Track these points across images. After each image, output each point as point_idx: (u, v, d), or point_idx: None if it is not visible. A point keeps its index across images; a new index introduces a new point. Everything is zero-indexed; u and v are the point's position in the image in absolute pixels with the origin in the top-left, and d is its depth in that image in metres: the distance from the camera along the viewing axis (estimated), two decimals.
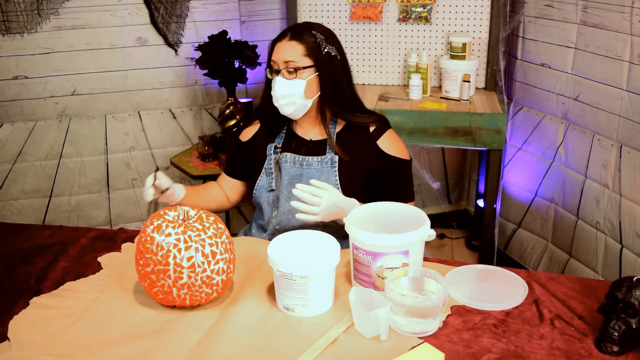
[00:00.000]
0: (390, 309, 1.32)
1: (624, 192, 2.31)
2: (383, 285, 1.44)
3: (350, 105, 1.89)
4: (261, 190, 1.90)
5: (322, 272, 1.39)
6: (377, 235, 1.41)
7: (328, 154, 1.86)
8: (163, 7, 2.94)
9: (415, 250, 1.45)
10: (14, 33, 2.79)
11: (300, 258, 1.40)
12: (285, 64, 1.80)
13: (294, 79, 1.80)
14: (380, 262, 1.43)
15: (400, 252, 1.42)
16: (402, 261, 1.43)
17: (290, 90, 1.80)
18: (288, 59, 1.80)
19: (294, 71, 1.80)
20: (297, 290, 1.39)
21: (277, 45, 1.83)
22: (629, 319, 1.26)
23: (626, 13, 2.21)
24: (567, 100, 2.58)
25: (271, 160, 1.90)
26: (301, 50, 1.80)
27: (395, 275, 1.41)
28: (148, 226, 1.41)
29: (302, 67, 1.80)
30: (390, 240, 1.41)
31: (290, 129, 1.94)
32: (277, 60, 1.82)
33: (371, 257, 1.43)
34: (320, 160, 1.86)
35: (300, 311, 1.41)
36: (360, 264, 1.47)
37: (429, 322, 1.33)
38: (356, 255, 1.47)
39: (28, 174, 2.99)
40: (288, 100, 1.82)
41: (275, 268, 1.40)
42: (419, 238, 1.44)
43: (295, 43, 1.80)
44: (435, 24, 2.86)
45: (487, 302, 1.44)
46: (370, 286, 1.46)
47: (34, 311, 1.45)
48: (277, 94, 1.81)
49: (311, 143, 1.90)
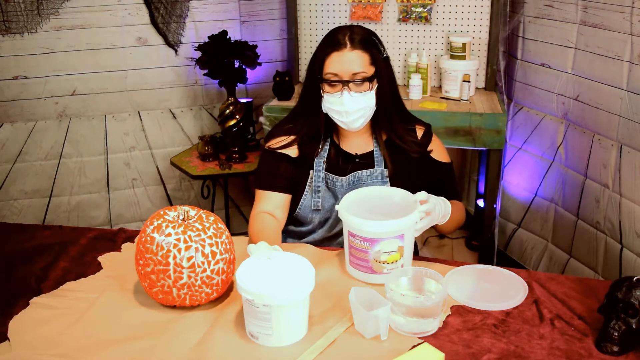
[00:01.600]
0: (390, 309, 1.32)
1: (624, 192, 2.31)
2: (380, 269, 1.48)
3: (402, 112, 1.81)
4: (306, 210, 1.78)
5: (289, 302, 1.26)
6: (374, 222, 1.44)
7: (377, 168, 1.78)
8: (163, 7, 2.94)
9: (409, 233, 1.49)
10: (14, 33, 2.79)
11: (266, 285, 1.28)
12: (354, 76, 1.66)
13: (366, 91, 1.68)
14: (378, 247, 1.46)
15: (396, 237, 1.46)
16: (398, 245, 1.47)
17: (363, 104, 1.68)
18: (357, 70, 1.66)
19: (361, 82, 1.67)
20: (260, 318, 1.28)
21: (336, 55, 1.67)
22: (629, 319, 1.26)
23: (626, 13, 2.21)
24: (567, 100, 2.58)
25: (319, 177, 1.77)
26: (367, 58, 1.68)
27: (391, 258, 1.46)
28: (148, 226, 1.41)
29: (371, 76, 1.68)
30: (387, 226, 1.44)
31: (332, 141, 1.81)
32: (340, 72, 1.66)
33: (368, 243, 1.46)
34: (370, 174, 1.77)
35: (264, 340, 1.30)
36: (357, 250, 1.49)
37: (429, 322, 1.33)
38: (352, 242, 1.49)
39: (28, 174, 2.99)
40: (360, 114, 1.69)
41: (240, 292, 1.30)
42: (413, 221, 1.48)
43: (360, 52, 1.67)
44: (435, 24, 2.86)
45: (487, 302, 1.44)
46: (367, 270, 1.50)
47: (34, 311, 1.45)
48: (348, 109, 1.67)
49: (358, 157, 1.80)
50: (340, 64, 1.67)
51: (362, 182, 1.77)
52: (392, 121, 1.77)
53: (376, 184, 1.77)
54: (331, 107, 1.71)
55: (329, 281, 1.52)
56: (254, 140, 3.05)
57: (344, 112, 1.69)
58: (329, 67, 1.68)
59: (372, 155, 1.80)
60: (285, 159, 1.80)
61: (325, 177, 1.78)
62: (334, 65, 1.67)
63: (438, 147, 1.85)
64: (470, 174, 3.44)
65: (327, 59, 1.68)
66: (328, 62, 1.68)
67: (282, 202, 1.79)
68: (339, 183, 1.77)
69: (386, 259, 1.47)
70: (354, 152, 1.81)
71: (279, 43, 3.17)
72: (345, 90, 1.67)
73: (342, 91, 1.67)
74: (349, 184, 1.77)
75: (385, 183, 1.77)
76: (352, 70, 1.66)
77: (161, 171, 3.18)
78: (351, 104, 1.67)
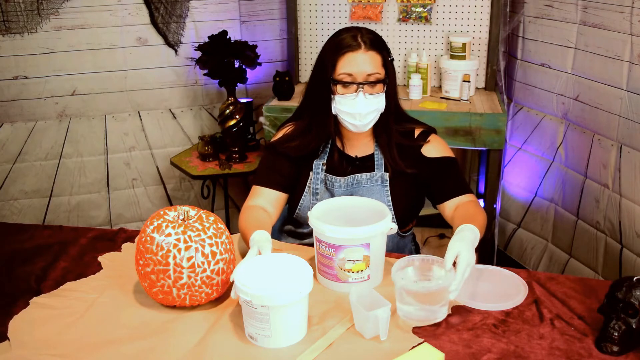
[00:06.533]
0: (400, 300, 1.33)
1: (624, 192, 2.31)
2: (345, 278, 1.48)
3: (402, 114, 1.80)
4: (305, 211, 1.75)
5: (287, 303, 1.26)
6: (338, 228, 1.44)
7: (377, 171, 1.76)
8: (163, 7, 2.94)
9: (376, 243, 1.48)
10: (14, 33, 2.79)
11: (263, 285, 1.28)
12: (368, 77, 1.65)
13: (379, 93, 1.66)
14: (342, 254, 1.46)
15: (361, 245, 1.45)
16: (363, 253, 1.46)
17: (375, 106, 1.66)
18: (372, 72, 1.64)
19: (374, 84, 1.65)
20: (258, 319, 1.28)
21: (351, 56, 1.64)
22: (629, 319, 1.26)
23: (626, 13, 2.21)
24: (567, 100, 2.58)
25: (318, 179, 1.77)
26: (380, 60, 1.66)
27: (356, 267, 1.45)
28: (148, 226, 1.41)
29: (384, 78, 1.67)
30: (351, 233, 1.44)
31: (333, 143, 1.79)
32: (355, 73, 1.64)
33: (333, 249, 1.46)
34: (370, 178, 1.76)
35: (263, 341, 1.30)
36: (323, 257, 1.49)
37: (438, 309, 1.36)
38: (319, 248, 1.50)
39: (28, 174, 2.99)
40: (373, 116, 1.68)
41: (238, 292, 1.30)
42: (379, 231, 1.47)
43: (374, 53, 1.65)
44: (435, 24, 2.86)
45: (487, 302, 1.44)
46: (333, 278, 1.49)
47: (34, 311, 1.45)
48: (362, 111, 1.65)
49: (358, 160, 1.79)
50: (355, 64, 1.64)
51: (361, 185, 1.76)
52: (394, 124, 1.76)
53: (376, 187, 1.76)
54: (343, 108, 1.68)
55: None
56: (254, 140, 3.05)
57: (357, 115, 1.66)
58: (343, 68, 1.65)
59: (372, 158, 1.79)
60: (285, 158, 1.79)
61: (324, 178, 1.78)
62: (349, 65, 1.64)
63: (435, 144, 1.79)
64: (470, 174, 3.44)
65: (341, 59, 1.65)
66: (342, 63, 1.65)
67: (276, 198, 1.77)
68: (337, 184, 1.77)
69: (351, 268, 1.47)
70: (354, 154, 1.80)
71: (279, 43, 3.17)
72: (361, 92, 1.64)
73: (356, 92, 1.65)
74: (348, 185, 1.77)
75: (385, 186, 1.76)
76: (366, 71, 1.64)
77: (161, 171, 3.18)
78: (365, 107, 1.65)
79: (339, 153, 1.80)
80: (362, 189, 1.76)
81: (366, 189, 1.76)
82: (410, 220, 1.86)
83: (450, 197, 1.75)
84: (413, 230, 1.94)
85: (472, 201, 1.75)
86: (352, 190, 1.76)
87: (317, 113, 1.74)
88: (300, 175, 1.80)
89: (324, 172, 1.78)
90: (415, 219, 1.90)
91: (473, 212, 1.66)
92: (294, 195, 1.81)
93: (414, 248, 1.98)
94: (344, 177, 1.77)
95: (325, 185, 1.78)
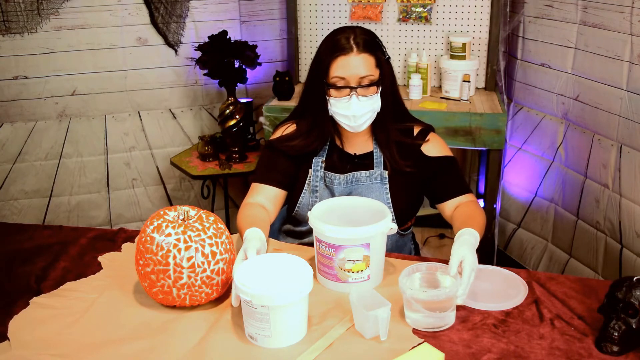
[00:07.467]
0: (408, 308, 1.34)
1: (624, 192, 2.31)
2: (345, 278, 1.48)
3: (403, 113, 1.80)
4: (304, 209, 1.77)
5: (287, 302, 1.26)
6: (338, 228, 1.44)
7: (376, 169, 1.76)
8: (163, 7, 2.94)
9: (376, 243, 1.47)
10: (14, 33, 2.79)
11: (264, 285, 1.28)
12: (361, 80, 1.65)
13: (373, 95, 1.67)
14: (342, 254, 1.45)
15: (361, 245, 1.45)
16: (363, 254, 1.46)
17: (370, 107, 1.67)
18: (364, 74, 1.64)
19: (368, 86, 1.66)
20: (258, 319, 1.28)
21: (343, 59, 1.64)
22: (629, 319, 1.26)
23: (626, 13, 2.21)
24: (567, 100, 2.58)
25: (317, 177, 1.78)
26: (373, 61, 1.66)
27: (356, 267, 1.44)
28: (148, 226, 1.41)
29: (377, 80, 1.67)
30: (351, 233, 1.44)
31: (332, 141, 1.80)
32: (348, 76, 1.65)
33: (333, 249, 1.46)
34: (369, 176, 1.76)
35: (263, 341, 1.30)
36: (323, 257, 1.49)
37: (447, 315, 1.36)
38: (319, 248, 1.50)
39: (28, 174, 2.99)
40: (367, 117, 1.68)
41: (238, 292, 1.30)
42: (379, 231, 1.47)
43: (367, 55, 1.65)
44: (435, 24, 2.86)
45: (487, 302, 1.44)
46: (332, 278, 1.49)
47: (34, 311, 1.45)
48: (356, 113, 1.65)
49: (357, 158, 1.79)
50: (348, 68, 1.64)
51: (361, 183, 1.76)
52: (392, 122, 1.76)
53: (375, 185, 1.76)
54: (338, 111, 1.69)
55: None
56: (254, 140, 3.05)
57: (352, 117, 1.67)
58: (335, 71, 1.66)
59: (371, 156, 1.79)
60: (284, 156, 1.79)
61: (323, 175, 1.78)
62: (341, 69, 1.65)
63: (434, 143, 1.79)
64: (470, 174, 3.44)
65: (333, 63, 1.66)
66: (334, 66, 1.66)
67: (274, 195, 1.77)
68: (337, 181, 1.77)
69: (351, 268, 1.47)
70: (353, 152, 1.81)
71: (279, 43, 3.17)
72: (354, 95, 1.65)
73: (349, 96, 1.66)
74: (347, 182, 1.77)
75: (384, 184, 1.76)
76: (359, 74, 1.65)
77: (161, 171, 3.18)
78: (359, 109, 1.66)
79: (338, 151, 1.81)
80: (361, 186, 1.76)
81: (365, 186, 1.76)
82: (409, 218, 1.86)
83: (450, 196, 1.75)
84: (412, 229, 1.94)
85: (472, 201, 1.75)
86: (351, 187, 1.76)
87: (317, 113, 1.75)
88: (299, 172, 1.81)
89: (323, 170, 1.78)
90: (414, 217, 1.90)
91: (473, 213, 1.67)
92: (293, 192, 1.81)
93: (413, 247, 1.98)
94: (343, 175, 1.77)
95: (324, 183, 1.78)
